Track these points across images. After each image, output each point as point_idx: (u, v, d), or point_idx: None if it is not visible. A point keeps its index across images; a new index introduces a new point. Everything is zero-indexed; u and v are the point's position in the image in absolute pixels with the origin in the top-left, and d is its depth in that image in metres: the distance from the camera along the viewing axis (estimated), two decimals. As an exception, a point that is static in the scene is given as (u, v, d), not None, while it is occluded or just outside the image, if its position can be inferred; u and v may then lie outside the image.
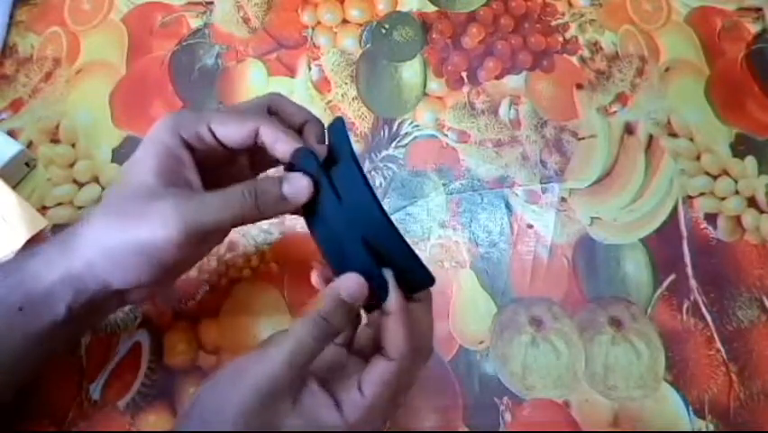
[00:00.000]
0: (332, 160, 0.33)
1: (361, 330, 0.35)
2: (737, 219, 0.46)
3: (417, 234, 0.45)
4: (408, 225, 0.45)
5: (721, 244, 0.45)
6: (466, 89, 0.50)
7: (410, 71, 0.51)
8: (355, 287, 0.31)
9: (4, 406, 0.34)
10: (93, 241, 0.32)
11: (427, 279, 0.31)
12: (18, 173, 0.46)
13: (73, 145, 0.48)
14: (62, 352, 0.39)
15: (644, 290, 0.44)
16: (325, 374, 0.31)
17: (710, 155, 0.48)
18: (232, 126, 0.33)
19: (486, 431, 0.40)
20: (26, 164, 0.46)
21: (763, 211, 0.46)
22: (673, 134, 0.48)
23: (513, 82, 0.50)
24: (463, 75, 0.51)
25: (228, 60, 0.51)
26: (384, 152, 0.48)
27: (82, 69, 0.51)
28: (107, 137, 0.48)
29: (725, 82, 0.50)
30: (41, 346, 0.33)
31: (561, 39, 0.52)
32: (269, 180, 0.32)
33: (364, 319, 0.35)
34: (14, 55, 0.51)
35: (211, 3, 0.53)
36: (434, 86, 0.50)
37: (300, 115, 0.35)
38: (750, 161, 0.48)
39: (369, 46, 0.52)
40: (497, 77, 0.50)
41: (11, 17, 0.52)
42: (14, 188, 0.43)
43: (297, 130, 0.35)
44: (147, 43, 0.52)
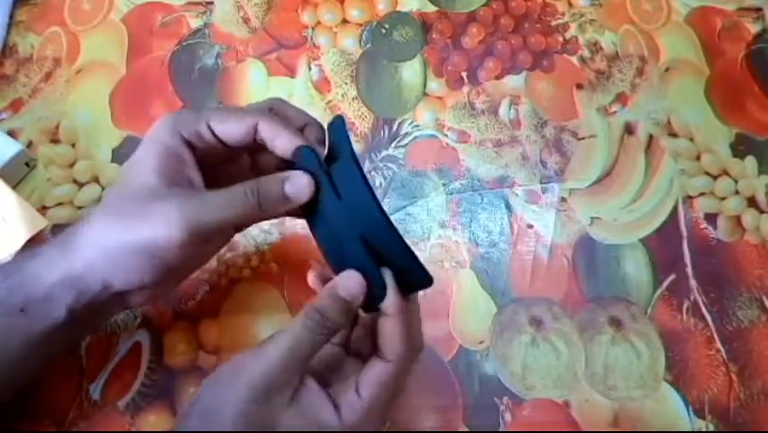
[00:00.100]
0: (331, 158, 0.33)
1: (356, 330, 0.35)
2: (737, 219, 0.46)
3: (417, 234, 0.45)
4: (408, 225, 0.45)
5: (721, 244, 0.45)
6: (466, 89, 0.50)
7: (410, 71, 0.51)
8: (354, 285, 0.31)
9: (3, 406, 0.34)
10: (94, 241, 0.32)
11: (426, 279, 0.31)
12: (18, 173, 0.46)
13: (73, 145, 0.48)
14: (62, 354, 0.39)
15: (644, 290, 0.44)
16: (323, 374, 0.31)
17: (710, 155, 0.48)
18: (231, 123, 0.33)
19: (486, 431, 0.40)
20: (26, 164, 0.46)
21: (763, 211, 0.46)
22: (673, 134, 0.48)
23: (513, 82, 0.50)
24: (463, 75, 0.51)
25: (228, 60, 0.51)
26: (384, 152, 0.48)
27: (82, 69, 0.51)
28: (107, 137, 0.48)
29: (725, 82, 0.50)
30: (41, 349, 0.33)
31: (561, 39, 0.52)
32: (270, 179, 0.32)
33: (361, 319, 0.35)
34: (14, 55, 0.51)
35: (211, 3, 0.53)
36: (434, 86, 0.50)
37: (300, 119, 0.35)
38: (750, 161, 0.48)
39: (369, 46, 0.52)
40: (497, 77, 0.50)
41: (11, 17, 0.52)
42: (14, 188, 0.43)
43: None
44: (147, 43, 0.52)
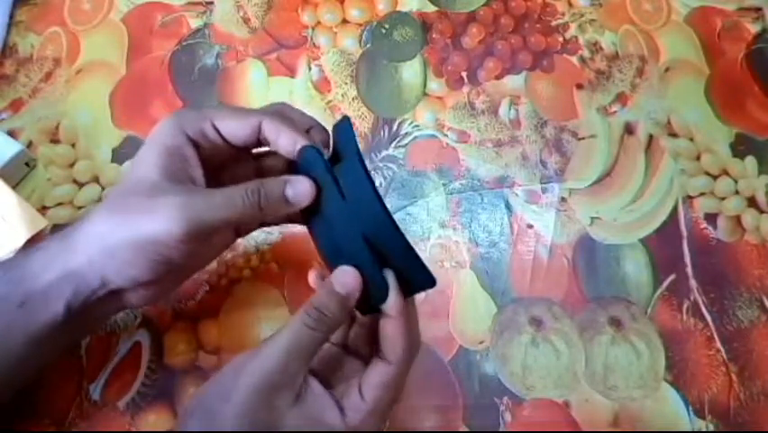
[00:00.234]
0: (336, 159, 0.33)
1: (355, 330, 0.35)
2: (737, 219, 0.46)
3: (417, 234, 0.45)
4: (408, 225, 0.45)
5: (721, 244, 0.45)
6: (466, 89, 0.50)
7: (410, 71, 0.51)
8: (350, 280, 0.31)
9: (3, 406, 0.34)
10: (94, 237, 0.32)
11: (429, 280, 0.31)
12: (18, 173, 0.46)
13: (73, 145, 0.48)
14: (61, 355, 0.39)
15: (644, 290, 0.44)
16: (324, 374, 0.32)
17: (710, 155, 0.48)
18: (235, 122, 0.33)
19: (486, 431, 0.40)
20: (26, 164, 0.46)
21: (763, 211, 0.46)
22: (673, 134, 0.48)
23: (513, 82, 0.50)
24: (463, 75, 0.51)
25: (228, 60, 0.51)
26: (384, 152, 0.48)
27: (82, 69, 0.51)
28: (107, 137, 0.48)
29: (725, 82, 0.50)
30: (40, 348, 0.33)
31: (561, 39, 0.52)
32: (272, 181, 0.32)
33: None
34: (14, 55, 0.51)
35: (211, 3, 0.53)
36: (434, 86, 0.50)
37: (305, 121, 0.35)
38: (750, 161, 0.48)
39: (369, 46, 0.52)
40: (497, 77, 0.50)
41: (11, 17, 0.52)
42: (14, 188, 0.43)
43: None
44: (147, 43, 0.52)
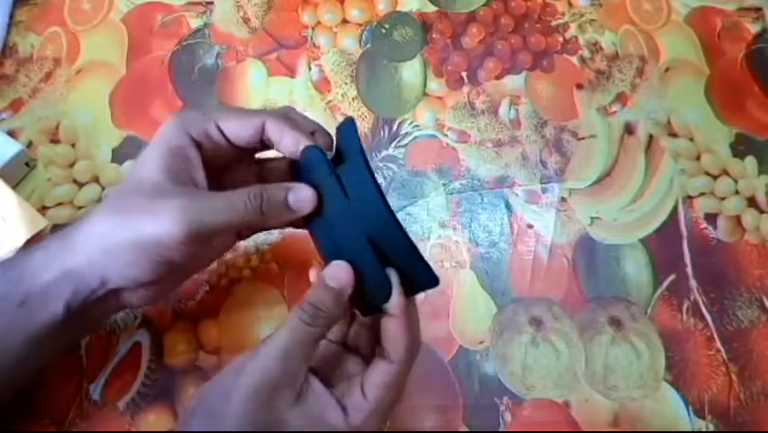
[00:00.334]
0: (339, 160, 0.33)
1: (354, 328, 0.35)
2: (737, 219, 0.46)
3: (417, 234, 0.45)
4: (408, 225, 0.45)
5: (721, 244, 0.45)
6: (466, 89, 0.50)
7: (410, 71, 0.51)
8: (342, 274, 0.31)
9: (3, 406, 0.34)
10: (94, 236, 0.32)
11: (432, 280, 0.31)
12: (18, 173, 0.46)
13: (73, 145, 0.48)
14: (61, 355, 0.39)
15: (644, 290, 0.44)
16: (325, 373, 0.32)
17: (710, 155, 0.48)
18: (239, 123, 0.34)
19: (486, 431, 0.40)
20: (26, 164, 0.46)
21: (763, 211, 0.46)
22: (673, 134, 0.48)
23: (513, 82, 0.50)
24: (463, 75, 0.51)
25: (228, 60, 0.51)
26: (384, 152, 0.48)
27: (82, 69, 0.51)
28: (107, 137, 0.48)
29: (725, 82, 0.50)
30: (40, 347, 0.33)
31: (561, 39, 0.52)
32: (274, 187, 0.33)
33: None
34: (14, 55, 0.51)
35: (211, 3, 0.53)
36: (434, 86, 0.50)
37: (308, 125, 0.35)
38: (750, 161, 0.48)
39: (369, 46, 0.52)
40: (497, 77, 0.50)
41: (11, 17, 0.52)
42: (14, 188, 0.43)
43: None
44: (147, 43, 0.52)
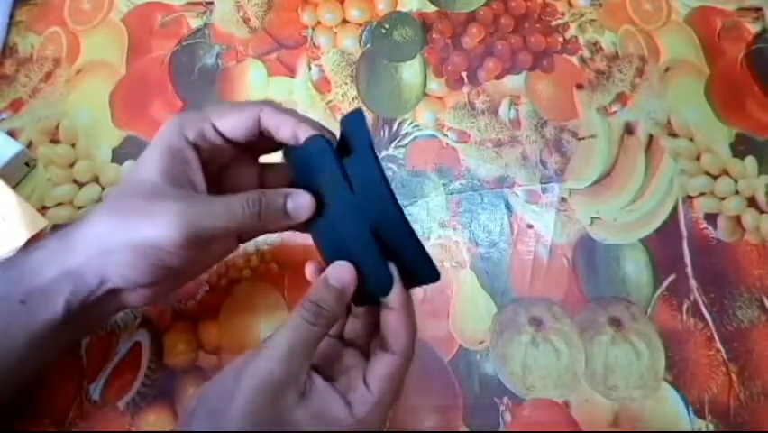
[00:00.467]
0: (343, 151, 0.33)
1: (351, 322, 0.35)
2: (737, 219, 0.46)
3: (417, 234, 0.45)
4: (408, 225, 0.45)
5: (721, 244, 0.45)
6: (466, 89, 0.50)
7: (410, 71, 0.51)
8: (345, 274, 0.31)
9: (4, 406, 0.34)
10: (93, 237, 0.32)
11: (434, 274, 0.31)
12: (18, 173, 0.46)
13: (73, 145, 0.48)
14: (61, 355, 0.39)
15: (644, 290, 0.44)
16: (324, 368, 0.32)
17: (710, 155, 0.48)
18: (233, 117, 0.33)
19: (486, 431, 0.40)
20: (26, 164, 0.46)
21: (763, 211, 0.46)
22: (673, 134, 0.48)
23: (513, 82, 0.50)
24: (463, 75, 0.51)
25: (228, 60, 0.51)
26: (384, 152, 0.48)
27: (82, 69, 0.51)
28: (107, 137, 0.48)
29: (725, 82, 0.50)
30: (41, 348, 0.33)
31: (561, 39, 0.52)
32: (273, 193, 0.33)
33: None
34: (14, 55, 0.51)
35: (211, 3, 0.53)
36: (434, 86, 0.50)
37: (300, 116, 0.35)
38: (750, 161, 0.48)
39: (369, 46, 0.52)
40: (497, 77, 0.50)
41: (11, 17, 0.52)
42: (14, 188, 0.43)
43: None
44: (147, 43, 0.52)
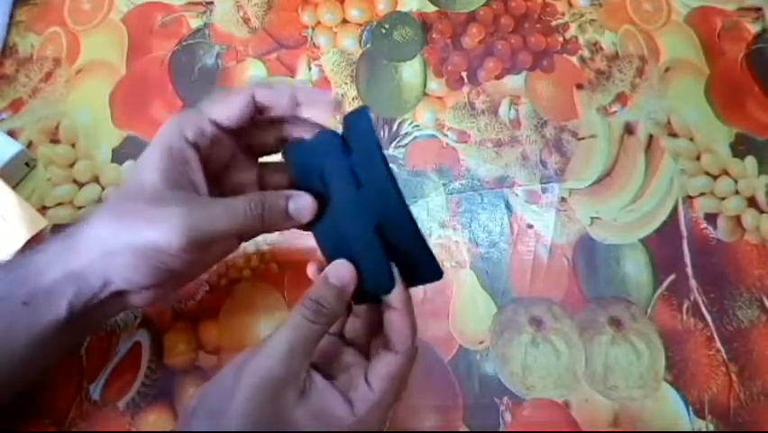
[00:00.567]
0: (349, 147, 0.33)
1: (351, 320, 0.35)
2: (737, 219, 0.46)
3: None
4: (408, 225, 0.45)
5: (721, 244, 0.45)
6: (466, 89, 0.50)
7: (410, 71, 0.51)
8: (345, 272, 0.31)
9: (4, 406, 0.34)
10: (95, 240, 0.32)
11: (436, 273, 0.31)
12: (18, 173, 0.46)
13: (73, 145, 0.48)
14: (64, 355, 0.39)
15: (644, 290, 0.44)
16: (323, 366, 0.32)
17: (710, 155, 0.48)
18: (227, 104, 0.34)
19: (486, 431, 0.40)
20: (26, 164, 0.46)
21: (763, 211, 0.46)
22: (673, 134, 0.48)
23: (513, 82, 0.50)
24: (463, 75, 0.51)
25: (228, 60, 0.51)
26: (384, 153, 0.48)
27: (82, 69, 0.51)
28: (107, 137, 0.48)
29: (725, 82, 0.50)
30: (44, 349, 0.33)
31: (561, 39, 0.52)
32: (275, 195, 0.33)
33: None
34: (14, 55, 0.51)
35: (211, 3, 0.53)
36: (434, 86, 0.50)
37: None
38: (750, 161, 0.48)
39: (369, 46, 0.52)
40: (497, 77, 0.50)
41: (11, 17, 0.52)
42: (14, 188, 0.43)
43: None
44: (147, 43, 0.52)
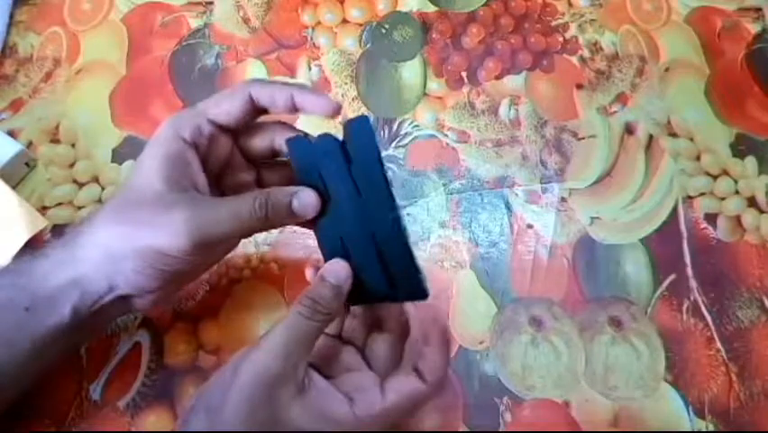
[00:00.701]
0: (349, 154, 0.33)
1: (349, 321, 0.35)
2: (737, 219, 0.46)
3: (417, 234, 0.45)
4: (408, 225, 0.45)
5: (721, 244, 0.45)
6: (466, 89, 0.50)
7: (410, 71, 0.51)
8: (341, 271, 0.31)
9: (4, 407, 0.34)
10: (99, 245, 0.32)
11: (422, 293, 0.31)
12: (18, 173, 0.46)
13: (73, 145, 0.48)
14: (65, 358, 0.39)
15: (644, 290, 0.44)
16: (323, 366, 0.32)
17: (710, 155, 0.48)
18: (225, 103, 0.34)
19: (486, 431, 0.40)
20: (26, 164, 0.46)
21: (763, 211, 0.46)
22: (673, 134, 0.48)
23: (513, 82, 0.50)
24: (463, 75, 0.51)
25: (228, 60, 0.51)
26: (384, 153, 0.48)
27: (82, 69, 0.51)
28: (107, 137, 0.48)
29: (725, 82, 0.50)
30: (45, 352, 0.33)
31: (561, 39, 0.52)
32: (278, 192, 0.33)
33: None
34: (14, 55, 0.51)
35: (211, 3, 0.53)
36: (434, 86, 0.50)
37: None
38: (750, 161, 0.48)
39: (369, 46, 0.52)
40: (497, 77, 0.50)
41: (11, 17, 0.52)
42: (14, 188, 0.43)
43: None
44: (147, 43, 0.52)
